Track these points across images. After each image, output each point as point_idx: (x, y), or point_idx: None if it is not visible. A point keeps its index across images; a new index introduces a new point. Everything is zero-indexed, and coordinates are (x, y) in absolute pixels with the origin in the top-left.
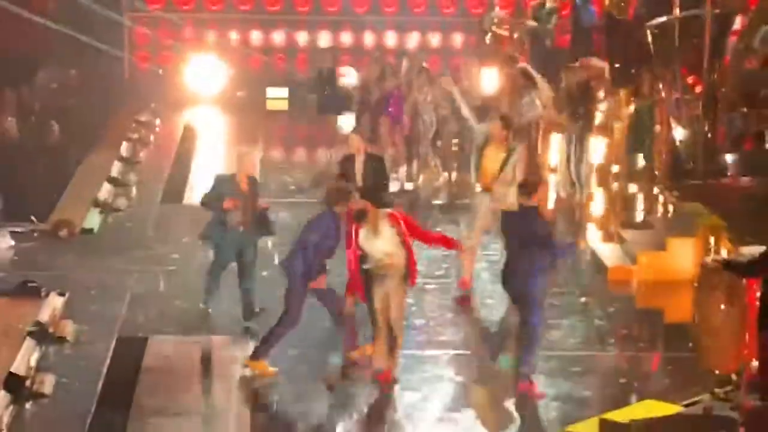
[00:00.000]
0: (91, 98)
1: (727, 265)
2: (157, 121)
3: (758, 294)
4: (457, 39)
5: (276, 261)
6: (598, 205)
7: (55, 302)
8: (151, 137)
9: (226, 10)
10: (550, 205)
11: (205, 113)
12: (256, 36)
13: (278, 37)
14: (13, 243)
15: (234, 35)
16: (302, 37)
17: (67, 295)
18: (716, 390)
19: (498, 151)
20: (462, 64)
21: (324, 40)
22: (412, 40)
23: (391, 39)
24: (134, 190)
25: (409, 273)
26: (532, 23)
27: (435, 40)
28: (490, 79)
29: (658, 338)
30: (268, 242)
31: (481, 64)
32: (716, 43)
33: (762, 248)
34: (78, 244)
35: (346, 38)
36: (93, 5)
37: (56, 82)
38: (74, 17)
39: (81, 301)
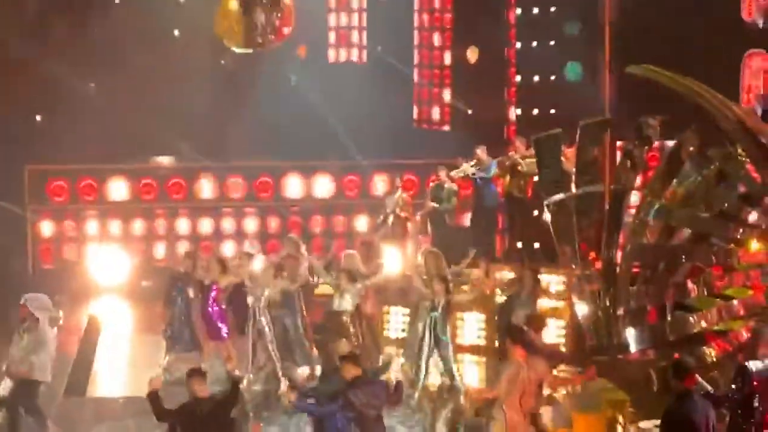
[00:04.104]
0: None
1: None
2: (61, 313)
3: None
4: (362, 222)
5: None
6: None
7: None
8: (54, 330)
9: (131, 200)
10: None
11: (110, 304)
12: (161, 224)
13: (183, 225)
14: None
15: (138, 224)
16: (206, 225)
17: None
18: None
19: None
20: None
21: (228, 225)
22: (317, 223)
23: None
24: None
25: None
26: (432, 204)
27: (339, 223)
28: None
29: None
30: None
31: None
32: (613, 218)
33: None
34: None
35: (251, 224)
36: None
37: None
38: None
39: None
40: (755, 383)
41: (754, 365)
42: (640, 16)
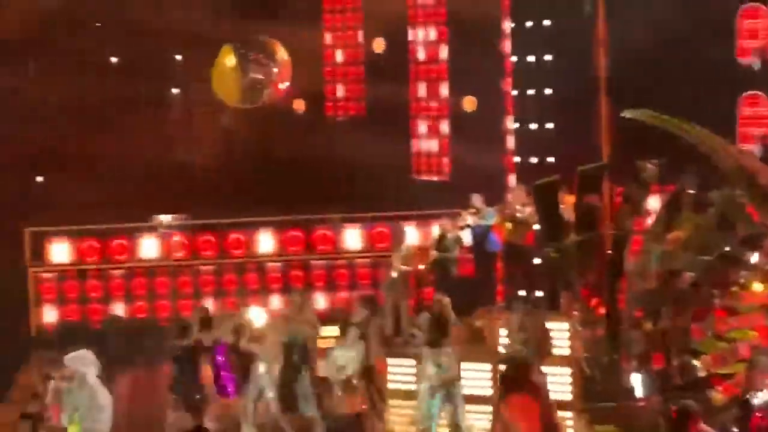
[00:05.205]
0: None
1: None
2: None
3: None
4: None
5: None
6: None
7: None
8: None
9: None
10: None
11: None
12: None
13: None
14: None
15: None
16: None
17: None
18: None
19: None
20: None
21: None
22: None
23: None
24: None
25: None
26: (436, 253)
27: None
28: None
29: None
30: None
31: None
32: (614, 263)
33: None
34: None
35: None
36: None
37: None
38: None
39: None
40: (758, 416)
41: (754, 398)
42: (636, 60)
